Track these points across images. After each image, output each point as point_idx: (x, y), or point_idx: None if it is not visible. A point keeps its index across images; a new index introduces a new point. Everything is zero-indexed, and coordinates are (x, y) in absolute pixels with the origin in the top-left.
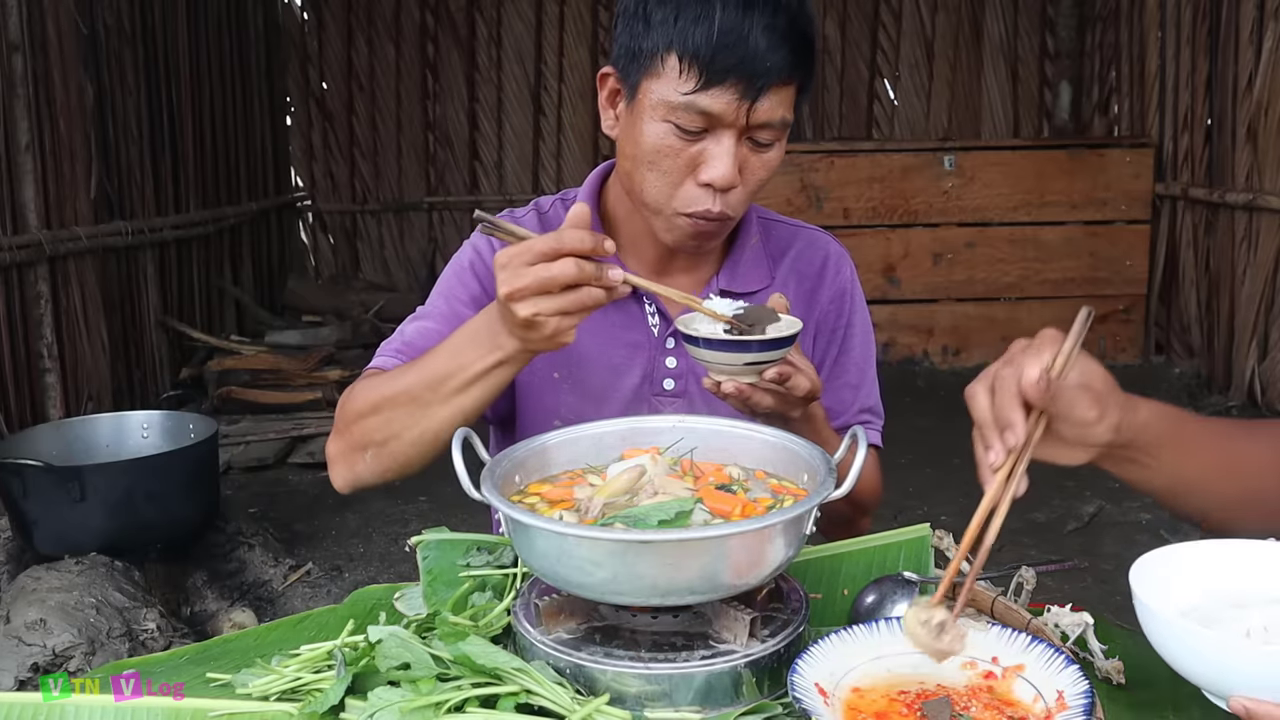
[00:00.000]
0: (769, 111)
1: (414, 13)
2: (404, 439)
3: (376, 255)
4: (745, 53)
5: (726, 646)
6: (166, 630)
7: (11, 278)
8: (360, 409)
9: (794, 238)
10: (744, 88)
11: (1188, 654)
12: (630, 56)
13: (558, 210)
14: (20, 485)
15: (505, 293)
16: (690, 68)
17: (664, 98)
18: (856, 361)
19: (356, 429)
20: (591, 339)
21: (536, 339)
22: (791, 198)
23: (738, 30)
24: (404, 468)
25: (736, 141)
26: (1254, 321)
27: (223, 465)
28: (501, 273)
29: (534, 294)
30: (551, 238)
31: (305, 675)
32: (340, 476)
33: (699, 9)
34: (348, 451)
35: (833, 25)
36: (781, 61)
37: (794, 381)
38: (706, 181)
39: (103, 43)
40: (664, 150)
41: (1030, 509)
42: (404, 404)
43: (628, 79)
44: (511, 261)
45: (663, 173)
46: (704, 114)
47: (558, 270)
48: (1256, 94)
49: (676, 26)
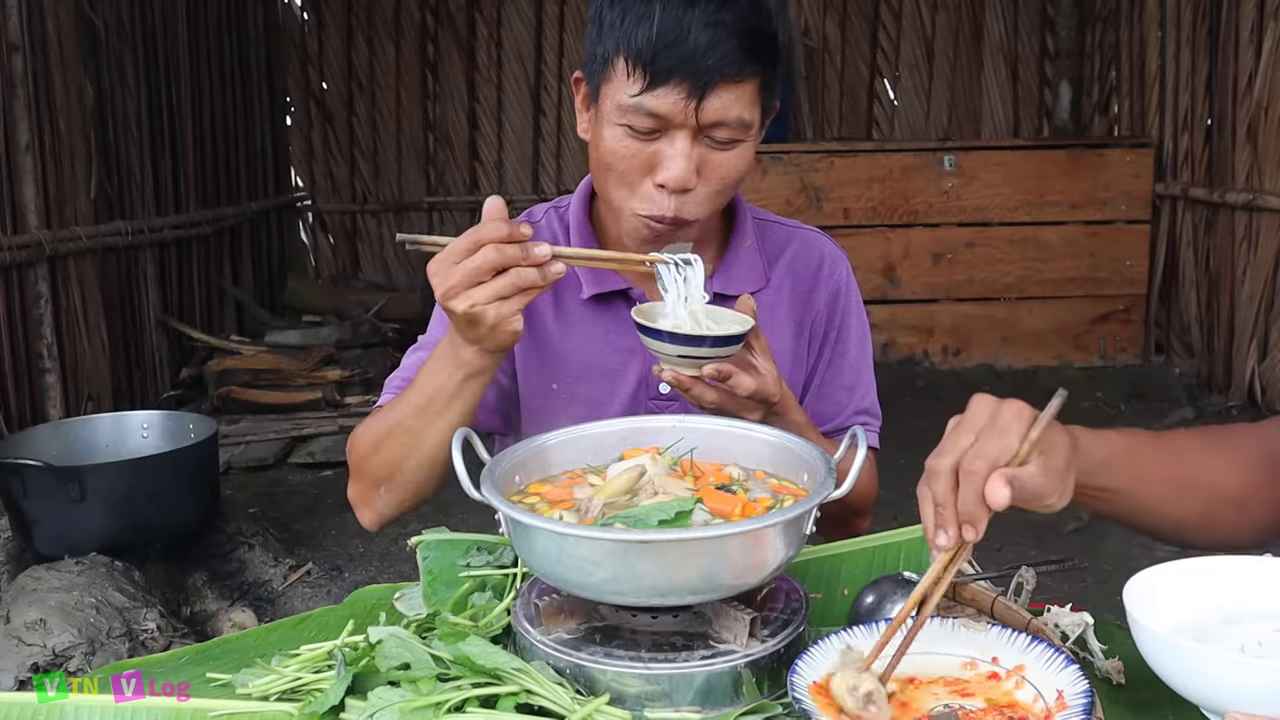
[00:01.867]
0: (720, 110)
1: (414, 13)
2: (407, 468)
3: (376, 255)
4: (686, 51)
5: (726, 646)
6: (166, 630)
7: (11, 278)
8: (364, 450)
9: (789, 239)
10: (689, 87)
11: (1182, 671)
12: (590, 61)
13: (550, 219)
14: (20, 485)
15: (439, 295)
16: (635, 69)
17: (617, 101)
18: (852, 364)
19: (366, 469)
20: (586, 347)
21: (484, 333)
22: (791, 198)
23: (678, 28)
24: (418, 495)
25: (691, 141)
26: (1254, 321)
27: (223, 465)
28: (434, 279)
29: (465, 287)
30: (469, 233)
31: (305, 675)
32: (365, 517)
33: (642, 9)
34: (364, 491)
35: (833, 25)
36: (727, 58)
37: (735, 380)
38: (660, 183)
39: (103, 43)
40: (620, 153)
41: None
42: (399, 435)
43: (591, 83)
44: (439, 265)
45: (620, 175)
46: (652, 115)
47: (480, 259)
48: (1256, 94)
49: (622, 29)
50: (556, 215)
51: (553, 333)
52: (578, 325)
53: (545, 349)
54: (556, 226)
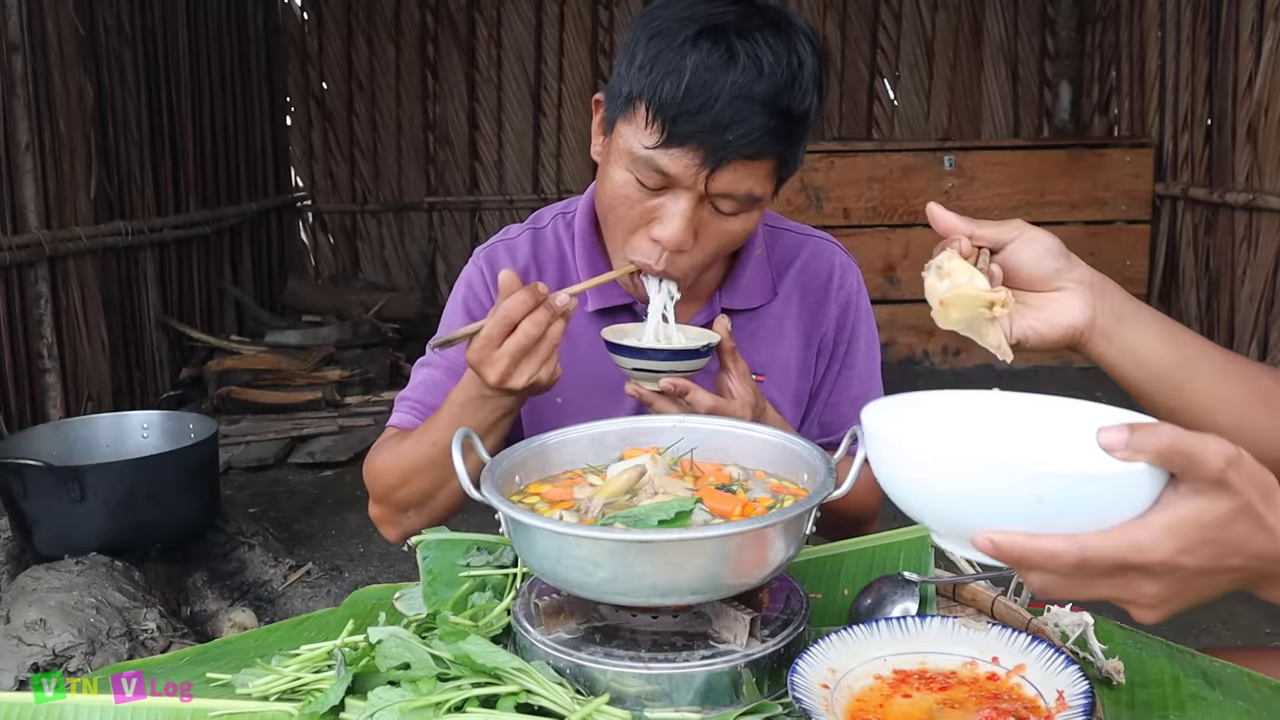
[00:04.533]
0: (732, 183)
1: (414, 13)
2: (439, 497)
3: (376, 255)
4: (708, 120)
5: (726, 646)
6: (166, 630)
7: (11, 278)
8: (389, 482)
9: (800, 247)
10: (704, 155)
11: (925, 490)
12: (614, 93)
13: (557, 227)
14: (20, 485)
15: (494, 381)
16: (655, 121)
17: (629, 146)
18: (860, 374)
19: (392, 498)
20: (591, 361)
21: (538, 391)
22: (791, 198)
23: (705, 93)
24: (450, 512)
25: (695, 204)
26: (1254, 321)
27: (223, 465)
28: (482, 370)
29: (515, 365)
30: (499, 316)
31: (305, 675)
32: (391, 534)
33: (674, 59)
34: (391, 514)
35: (833, 25)
36: (749, 135)
37: (693, 396)
38: (655, 238)
39: (103, 43)
40: (623, 199)
41: None
42: (427, 469)
43: (609, 113)
44: (481, 355)
45: (619, 218)
46: (661, 173)
47: (520, 338)
48: (1256, 94)
49: (651, 74)
50: (564, 222)
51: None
52: (582, 339)
53: None
54: (563, 234)
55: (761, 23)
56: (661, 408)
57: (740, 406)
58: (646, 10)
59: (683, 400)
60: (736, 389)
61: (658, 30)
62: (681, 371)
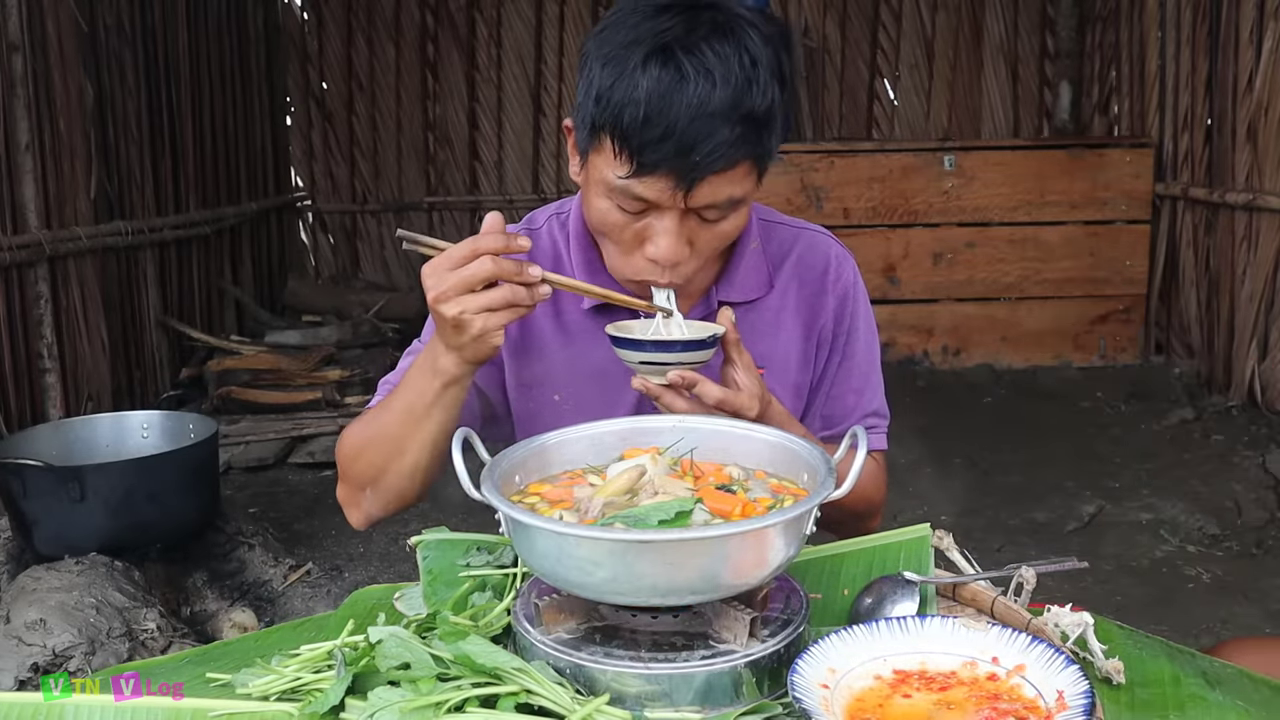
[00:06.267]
0: (711, 195)
1: (414, 13)
2: (390, 472)
3: (376, 255)
4: (674, 145)
5: (726, 646)
6: (166, 630)
7: (11, 278)
8: (351, 453)
9: (795, 240)
10: (676, 178)
11: None
12: (580, 123)
13: (552, 227)
14: (20, 485)
15: (431, 297)
16: (622, 153)
17: (604, 178)
18: (860, 366)
19: (353, 471)
20: (588, 357)
21: (466, 341)
22: (791, 198)
23: (665, 118)
24: (401, 499)
25: (680, 220)
26: (1254, 321)
27: (223, 465)
28: (428, 280)
29: (457, 294)
30: (468, 242)
31: (305, 675)
32: (353, 518)
33: (627, 88)
34: (352, 492)
35: (833, 25)
36: (718, 151)
37: (701, 389)
38: (651, 258)
39: (103, 43)
40: (611, 225)
41: (1030, 509)
42: (381, 442)
43: (580, 143)
44: (435, 269)
45: (614, 243)
46: (639, 199)
47: (476, 267)
48: (1256, 94)
49: (610, 105)
50: (559, 223)
51: (553, 344)
52: (579, 336)
53: (546, 361)
54: (558, 235)
55: (706, 31)
56: (669, 402)
57: (748, 398)
58: (595, 33)
59: (690, 393)
60: (743, 381)
61: (608, 57)
62: (688, 364)
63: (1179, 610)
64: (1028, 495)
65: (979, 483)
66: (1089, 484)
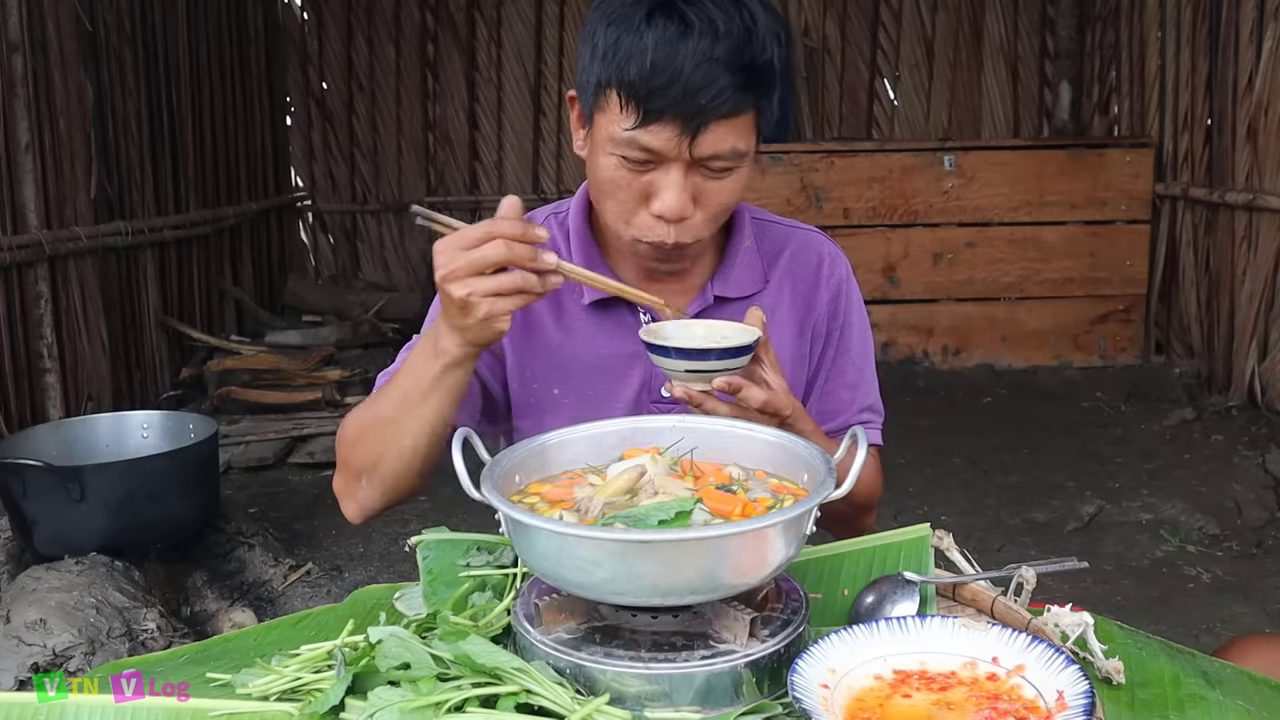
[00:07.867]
0: (715, 144)
1: (414, 13)
2: (387, 459)
3: (376, 255)
4: (679, 90)
5: (726, 646)
6: (166, 630)
7: (11, 278)
8: (351, 438)
9: (788, 239)
10: (682, 124)
11: None
12: (584, 86)
13: (551, 226)
14: (20, 485)
15: (440, 275)
16: (628, 104)
17: (610, 133)
18: (855, 361)
19: (351, 459)
20: (588, 352)
21: (472, 324)
22: (791, 198)
23: (670, 64)
24: (397, 488)
25: (685, 173)
26: (1254, 321)
27: (223, 465)
28: (438, 258)
29: (467, 274)
30: (484, 224)
31: (305, 675)
32: (349, 509)
33: (633, 41)
34: (349, 482)
35: (833, 25)
36: (721, 96)
37: (746, 393)
38: (657, 213)
39: (103, 43)
40: (616, 181)
41: (1030, 509)
42: (379, 427)
43: (584, 107)
44: (447, 247)
45: (618, 202)
46: (645, 149)
47: (489, 250)
48: (1256, 94)
49: (615, 60)
50: (557, 221)
51: (554, 338)
52: (579, 330)
53: (547, 355)
54: (557, 233)
55: None
56: (712, 408)
57: (783, 395)
58: (597, 4)
59: (735, 398)
60: (774, 380)
61: (612, 17)
62: (733, 369)
63: (1179, 610)
64: (1028, 495)
65: (979, 483)
66: (1089, 484)
